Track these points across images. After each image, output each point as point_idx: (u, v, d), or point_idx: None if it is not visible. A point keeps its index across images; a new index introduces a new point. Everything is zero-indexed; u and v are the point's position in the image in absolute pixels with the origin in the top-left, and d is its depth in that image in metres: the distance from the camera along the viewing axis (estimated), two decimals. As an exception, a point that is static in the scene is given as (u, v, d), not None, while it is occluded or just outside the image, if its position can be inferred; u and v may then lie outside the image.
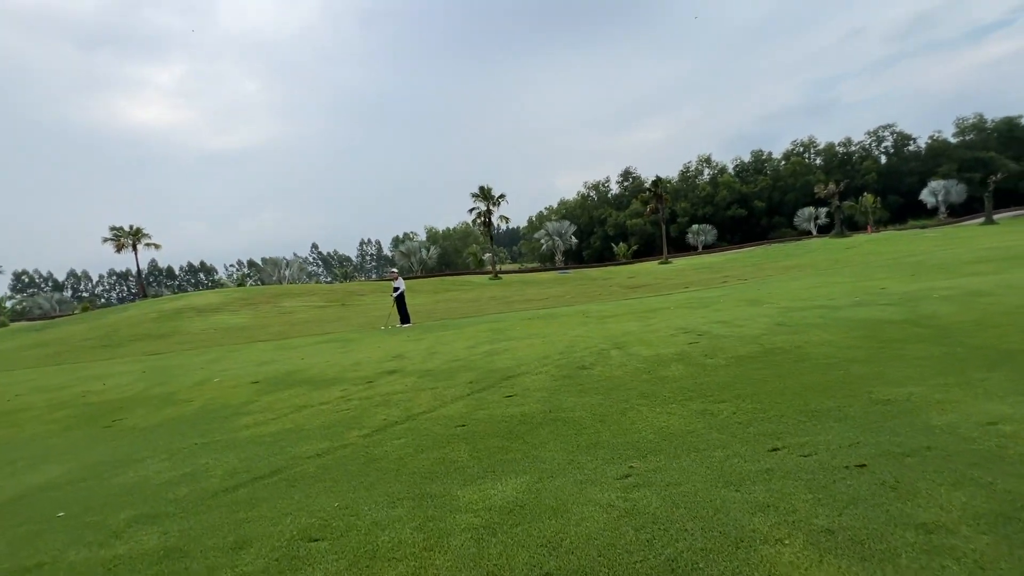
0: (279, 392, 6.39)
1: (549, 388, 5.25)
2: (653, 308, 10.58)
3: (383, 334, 11.91)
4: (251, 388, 6.81)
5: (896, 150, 77.21)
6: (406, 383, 6.14)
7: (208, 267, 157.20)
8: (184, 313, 23.51)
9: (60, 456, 4.80)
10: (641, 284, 22.91)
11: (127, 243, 40.58)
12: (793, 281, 13.83)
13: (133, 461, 4.43)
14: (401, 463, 3.77)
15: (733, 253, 46.06)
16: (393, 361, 7.62)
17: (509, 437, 4.05)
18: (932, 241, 26.60)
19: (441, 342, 9.00)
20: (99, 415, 6.29)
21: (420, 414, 4.88)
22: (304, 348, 10.50)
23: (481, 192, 38.57)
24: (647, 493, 2.92)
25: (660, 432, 3.81)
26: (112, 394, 7.51)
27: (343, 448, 4.22)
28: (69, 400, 7.42)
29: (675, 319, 8.59)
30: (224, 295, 27.44)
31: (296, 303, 25.06)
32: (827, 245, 33.67)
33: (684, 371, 5.28)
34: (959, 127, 75.52)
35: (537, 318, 11.36)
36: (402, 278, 14.13)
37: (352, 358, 8.34)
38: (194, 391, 7.05)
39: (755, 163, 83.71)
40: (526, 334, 8.84)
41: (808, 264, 22.79)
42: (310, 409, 5.49)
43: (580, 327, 9.04)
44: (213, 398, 6.48)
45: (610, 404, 4.55)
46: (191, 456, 4.40)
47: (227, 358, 10.26)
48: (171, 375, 8.73)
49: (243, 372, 8.15)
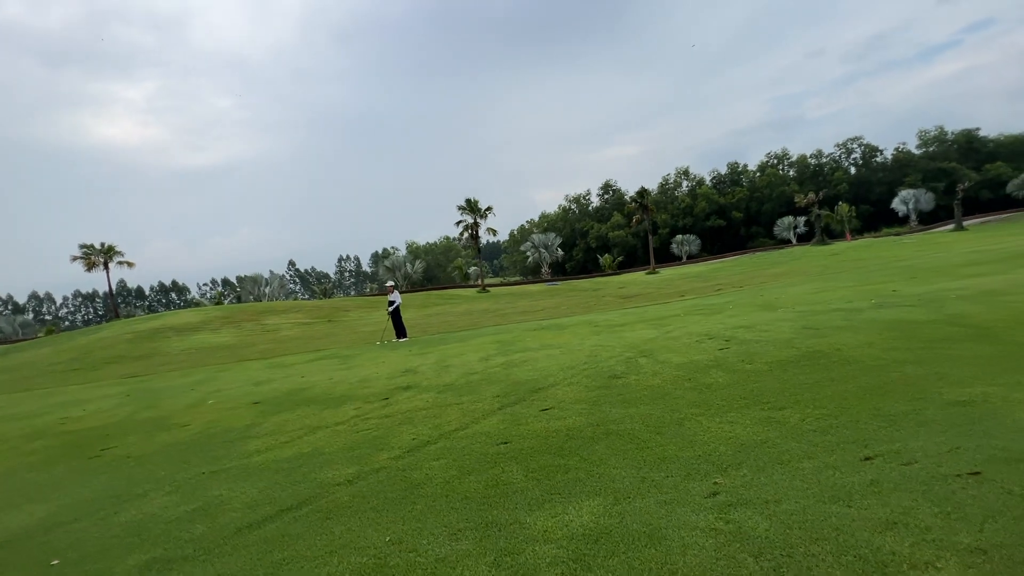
0: (285, 413, 5.90)
1: (587, 400, 4.92)
2: (664, 316, 10.37)
3: (381, 349, 11.41)
4: (253, 409, 6.29)
5: (864, 161, 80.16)
6: (426, 399, 5.72)
7: (180, 286, 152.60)
8: (162, 333, 22.41)
9: (45, 493, 4.23)
10: (634, 294, 22.82)
11: (98, 261, 38.72)
12: (794, 287, 13.85)
13: (133, 496, 3.91)
14: (448, 487, 3.38)
15: (718, 262, 46.69)
16: (404, 376, 7.18)
17: (562, 454, 3.69)
18: (912, 247, 27.35)
19: (449, 356, 8.59)
20: (83, 444, 5.68)
21: (452, 432, 4.49)
22: (300, 366, 9.94)
23: (468, 205, 38.30)
24: (749, 513, 2.60)
25: (731, 443, 3.51)
26: (95, 420, 6.86)
27: (375, 472, 3.79)
28: (46, 428, 6.74)
29: (692, 325, 8.37)
30: (203, 314, 26.33)
31: (280, 320, 24.17)
32: (810, 252, 34.36)
33: (728, 378, 5.01)
34: (922, 139, 78.98)
35: (543, 329, 11.03)
36: (398, 292, 13.66)
37: (358, 374, 7.86)
38: (189, 414, 6.48)
39: (731, 175, 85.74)
40: (539, 345, 8.49)
41: (798, 270, 23.10)
42: (325, 430, 5.03)
43: (594, 336, 8.75)
44: (212, 421, 5.93)
45: (662, 415, 4.24)
46: (201, 487, 3.90)
47: (217, 378, 9.62)
48: (158, 398, 8.09)
49: (239, 392, 7.58)
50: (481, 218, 38.64)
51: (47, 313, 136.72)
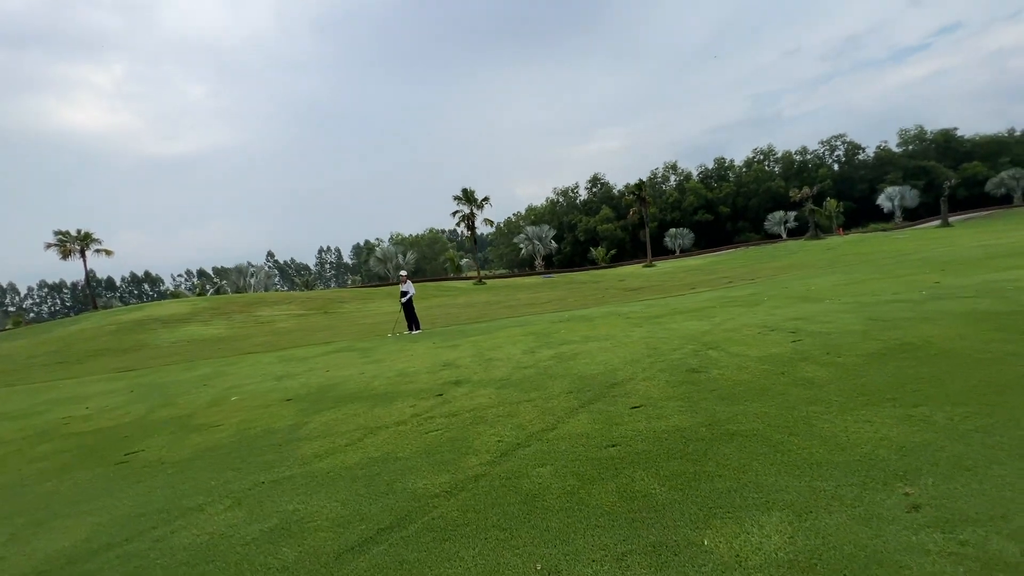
0: (329, 411, 5.34)
1: (677, 396, 4.49)
2: (701, 307, 10.04)
3: (397, 341, 10.83)
4: (288, 407, 5.71)
5: (847, 158, 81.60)
6: (487, 395, 5.23)
7: (154, 277, 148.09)
8: (147, 325, 21.30)
9: (74, 507, 3.63)
10: (639, 287, 22.57)
11: (74, 249, 36.76)
12: (815, 278, 13.68)
13: (186, 510, 3.35)
14: (575, 499, 2.92)
15: (713, 256, 46.89)
16: (447, 371, 6.66)
17: (691, 458, 3.26)
18: (910, 241, 27.72)
19: (484, 349, 8.09)
20: (100, 447, 5.04)
21: (541, 433, 4.01)
22: (316, 359, 9.32)
23: (464, 195, 37.51)
24: (982, 532, 2.20)
25: (886, 446, 3.12)
26: (105, 420, 6.19)
27: (474, 481, 3.31)
28: (49, 429, 6.05)
29: (740, 317, 8.04)
30: (190, 305, 25.18)
31: (273, 312, 23.23)
32: (805, 247, 34.68)
33: (827, 372, 4.64)
34: (902, 138, 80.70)
35: (571, 320, 10.60)
36: (411, 282, 13.06)
37: (391, 368, 7.31)
38: (214, 412, 5.86)
39: (718, 170, 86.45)
40: (580, 337, 8.06)
41: (802, 264, 23.14)
42: (387, 430, 4.50)
43: (635, 328, 8.35)
44: (246, 421, 5.34)
45: (779, 412, 3.84)
46: (267, 500, 3.36)
47: (227, 372, 8.95)
48: (168, 394, 7.42)
49: (263, 389, 6.97)
50: (477, 208, 37.95)
51: (10, 304, 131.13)
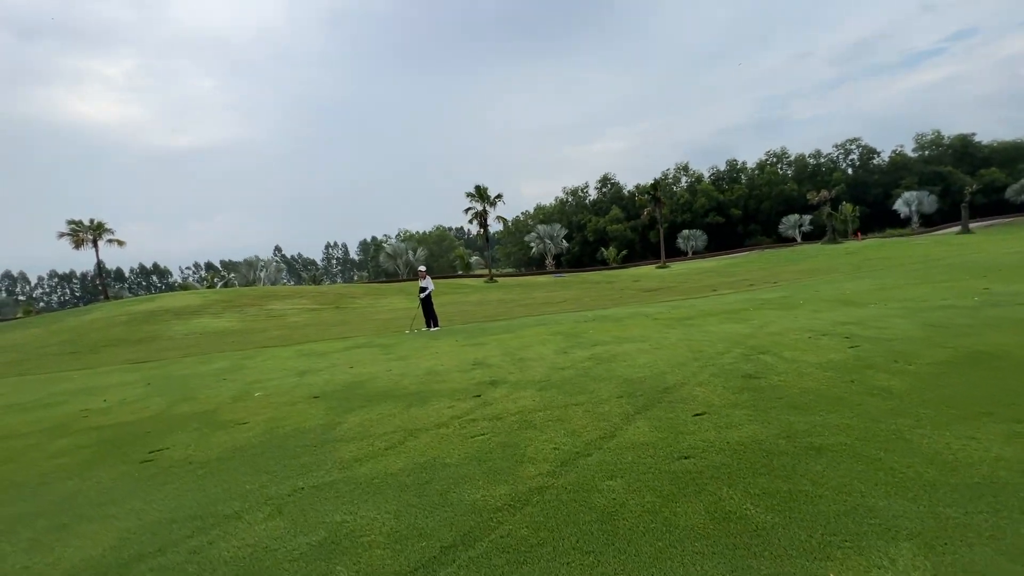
0: (361, 410, 5.06)
1: (740, 403, 4.17)
2: (735, 309, 9.69)
3: (418, 338, 10.55)
4: (317, 405, 5.43)
5: (862, 163, 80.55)
6: (529, 398, 4.93)
7: (162, 269, 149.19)
8: (159, 316, 21.19)
9: (98, 509, 3.36)
10: (656, 288, 22.20)
11: (86, 239, 36.79)
12: (846, 283, 13.28)
13: (222, 517, 3.07)
14: (659, 519, 2.60)
15: (727, 258, 46.33)
16: (479, 370, 6.37)
17: (779, 474, 2.94)
18: (933, 247, 27.15)
19: (512, 348, 7.79)
20: (122, 443, 4.79)
21: (599, 440, 3.70)
22: (337, 355, 9.05)
23: (477, 192, 37.20)
24: None
25: (1007, 467, 2.78)
26: (124, 413, 5.94)
27: (537, 493, 3.00)
28: (66, 422, 5.81)
29: (782, 321, 7.70)
30: (201, 297, 25.06)
31: (284, 305, 23.05)
32: (824, 251, 34.11)
33: (902, 382, 4.30)
34: (918, 143, 79.56)
35: (597, 320, 10.28)
36: (430, 278, 12.78)
37: (418, 366, 7.03)
38: (238, 409, 5.60)
39: (730, 172, 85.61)
40: (612, 338, 7.74)
41: (825, 268, 22.67)
42: (428, 433, 4.21)
43: (668, 330, 8.02)
44: (274, 419, 5.07)
45: (864, 425, 3.51)
46: (309, 508, 3.08)
47: (246, 367, 8.70)
48: (187, 388, 7.17)
49: (285, 384, 6.71)
50: (490, 206, 37.63)
51: (20, 293, 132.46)
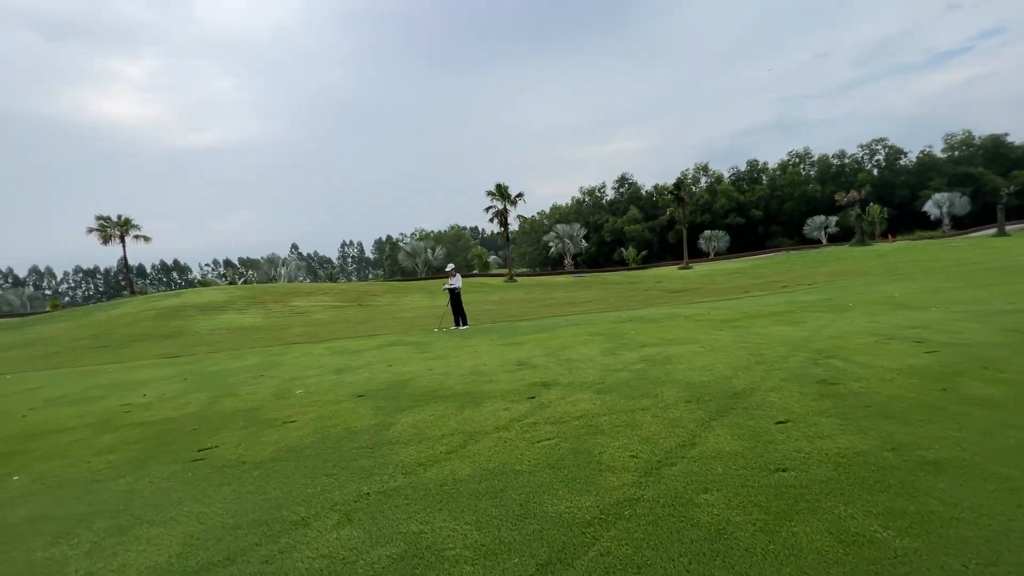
0: (411, 411, 4.87)
1: (827, 411, 3.88)
2: (782, 311, 9.34)
3: (449, 336, 10.37)
4: (364, 405, 5.26)
5: (888, 163, 78.55)
6: (588, 400, 4.69)
7: (182, 266, 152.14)
8: (185, 311, 21.40)
9: (157, 511, 3.21)
10: (682, 289, 21.76)
11: (114, 234, 37.51)
12: (885, 285, 12.77)
13: (289, 523, 2.89)
14: (778, 540, 2.34)
15: (752, 259, 45.44)
16: (525, 370, 6.14)
17: (904, 493, 2.65)
18: (971, 250, 26.21)
19: (554, 348, 7.55)
20: (169, 440, 4.66)
21: (680, 448, 3.45)
22: (370, 352, 8.91)
23: (498, 191, 37.06)
24: None
25: None
26: (166, 409, 5.85)
27: (627, 506, 2.76)
28: (110, 417, 5.73)
29: (839, 324, 7.34)
30: (226, 293, 25.29)
31: (307, 302, 23.13)
32: (852, 253, 33.17)
33: (1002, 391, 3.96)
34: (948, 143, 77.33)
35: (633, 321, 9.99)
36: (459, 275, 12.60)
37: (459, 365, 6.83)
38: (283, 407, 5.45)
39: (751, 172, 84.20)
40: (658, 340, 7.45)
41: (858, 270, 22.00)
42: (489, 437, 3.99)
43: (716, 332, 7.71)
44: (322, 418, 4.91)
45: (976, 439, 3.20)
46: (380, 515, 2.88)
47: (280, 363, 8.61)
48: (225, 384, 7.08)
49: (325, 382, 6.56)
50: (511, 205, 37.46)
51: (47, 288, 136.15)
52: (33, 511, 3.36)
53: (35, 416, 6.14)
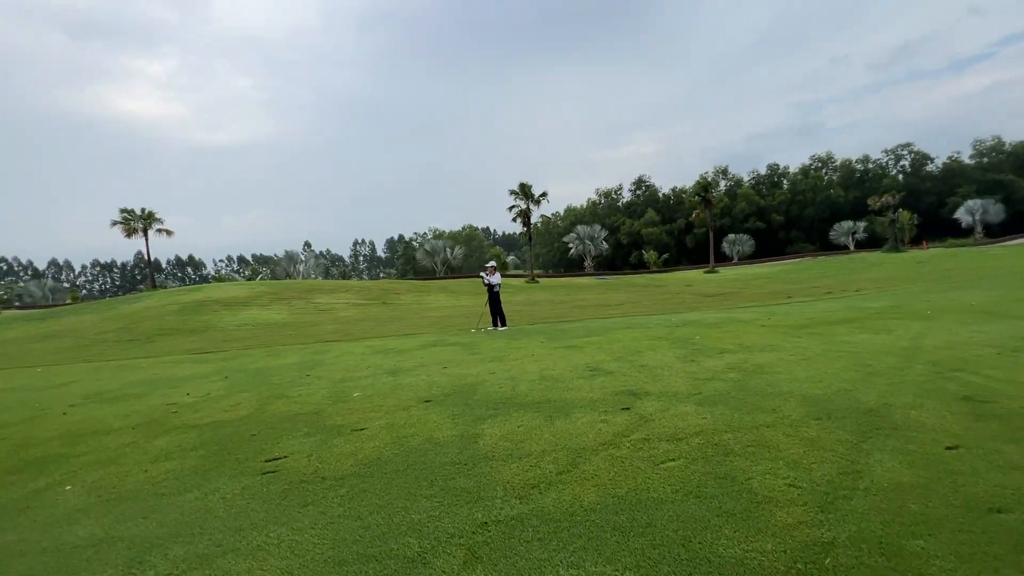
0: (494, 420, 4.38)
1: (999, 436, 3.32)
2: (848, 319, 8.73)
3: (491, 337, 9.89)
4: (435, 411, 4.79)
5: (914, 169, 76.75)
6: (695, 413, 4.16)
7: (197, 261, 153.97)
8: (208, 306, 21.21)
9: (239, 536, 2.75)
10: (717, 293, 21.08)
11: (137, 227, 37.71)
12: (953, 291, 12.05)
13: (406, 561, 2.41)
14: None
15: (779, 264, 44.40)
16: (601, 377, 5.63)
17: None
18: (1012, 258, 25.16)
19: (621, 352, 7.03)
20: (230, 447, 4.23)
21: (842, 477, 2.92)
22: (414, 352, 8.46)
23: (521, 190, 36.54)
24: None
25: None
26: (215, 411, 5.43)
27: (821, 550, 2.24)
28: (157, 418, 5.33)
29: (938, 333, 6.73)
30: (248, 288, 25.11)
31: (330, 299, 22.83)
32: (888, 259, 32.13)
33: None
34: (976, 149, 75.40)
35: (689, 325, 9.43)
36: (499, 274, 12.13)
37: (522, 369, 6.34)
38: (344, 411, 5.01)
39: (771, 176, 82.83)
40: (734, 346, 6.90)
41: (901, 276, 21.14)
42: (598, 454, 3.49)
43: (792, 339, 7.14)
44: (393, 425, 4.44)
45: None
46: (512, 553, 2.39)
47: (321, 362, 8.19)
48: (271, 384, 6.67)
49: (380, 384, 6.12)
50: (534, 204, 36.95)
51: (65, 280, 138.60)
52: (95, 531, 2.93)
53: (76, 414, 5.77)
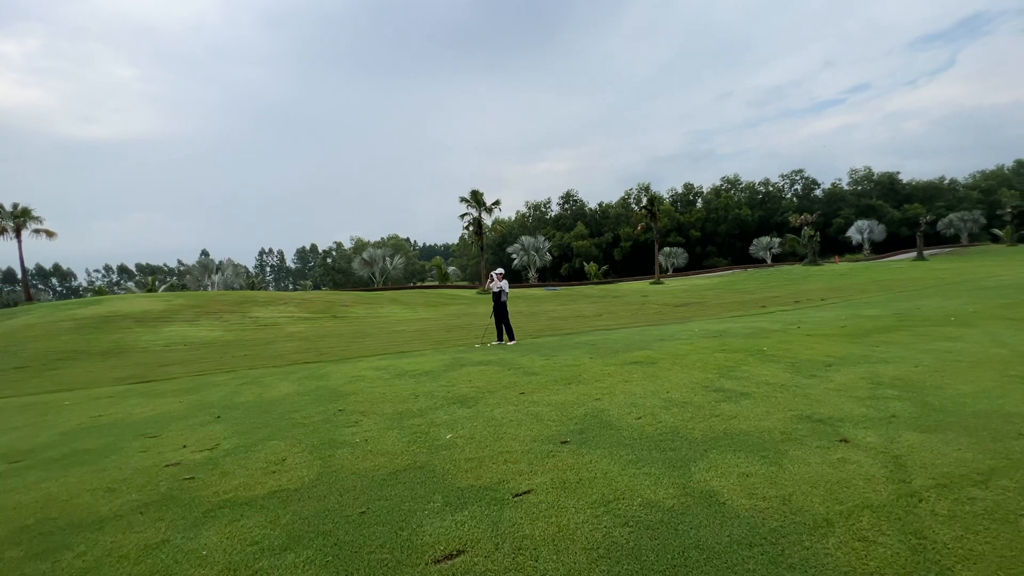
0: (696, 466, 3.30)
1: None
2: (893, 326, 8.70)
3: (517, 352, 8.66)
4: (595, 457, 3.59)
5: (804, 193, 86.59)
6: (946, 445, 3.40)
7: (64, 271, 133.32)
8: (115, 322, 17.48)
9: None
10: (685, 303, 21.37)
11: (7, 227, 30.37)
12: (927, 299, 12.85)
13: None
14: None
15: (717, 276, 47.04)
16: (746, 400, 4.74)
17: None
18: (913, 270, 28.57)
19: (707, 367, 6.22)
20: (346, 541, 2.71)
21: None
22: (448, 375, 7.02)
23: (473, 198, 35.14)
24: None
25: None
26: (256, 474, 3.75)
27: None
28: (168, 491, 3.54)
29: (1018, 342, 6.70)
30: (162, 301, 21.24)
31: (271, 313, 19.92)
32: (814, 272, 35.31)
33: None
34: (852, 177, 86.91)
35: (721, 335, 8.91)
36: (507, 281, 10.91)
37: (630, 392, 5.26)
38: (462, 464, 3.62)
39: (685, 195, 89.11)
40: (834, 357, 6.38)
41: (846, 287, 22.90)
42: (929, 517, 2.57)
43: (878, 347, 6.80)
44: (568, 485, 3.19)
45: None
46: None
47: (338, 392, 6.47)
48: (293, 424, 4.98)
49: (463, 419, 4.74)
50: (486, 212, 35.76)
51: None
52: None
53: (19, 490, 3.75)
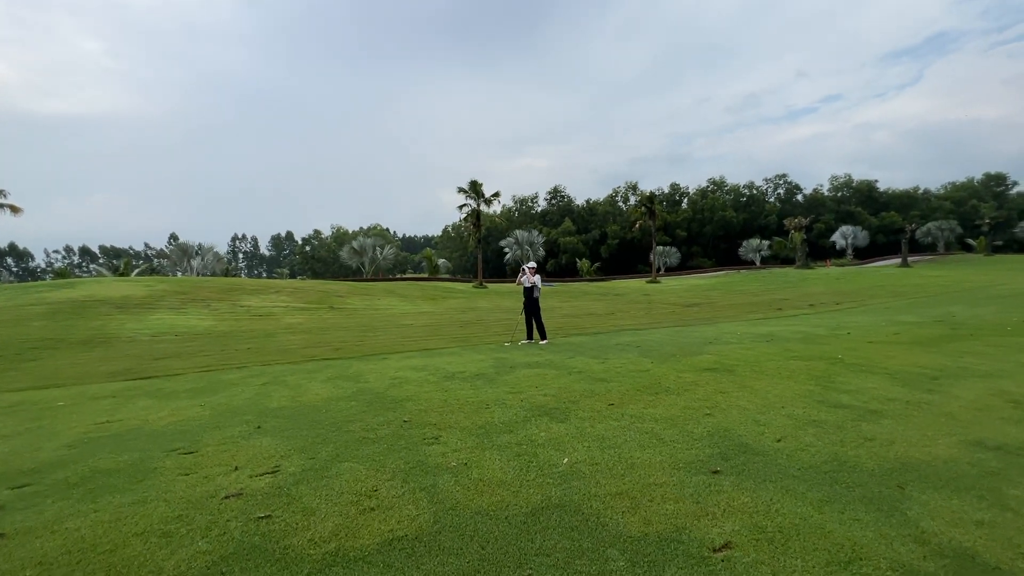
0: (915, 504, 2.69)
1: None
2: (944, 335, 8.35)
3: (554, 352, 8.01)
4: (752, 490, 2.95)
5: (787, 197, 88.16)
6: None
7: (20, 251, 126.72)
8: (93, 308, 16.08)
9: None
10: (694, 303, 21.04)
11: (-35, 204, 28.06)
12: (953, 306, 12.69)
13: None
14: None
15: (714, 277, 47.11)
16: (887, 420, 4.18)
17: None
18: (906, 277, 28.99)
19: (800, 377, 5.67)
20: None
21: None
22: (504, 379, 6.31)
23: (472, 188, 34.14)
24: None
25: None
26: (348, 511, 2.98)
27: None
28: (247, 542, 2.75)
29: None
30: (143, 286, 19.77)
31: (263, 302, 18.73)
32: (809, 275, 35.62)
33: None
34: (833, 184, 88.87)
35: (787, 340, 8.43)
36: (540, 275, 10.20)
37: (733, 405, 4.65)
38: (615, 501, 2.94)
39: (672, 195, 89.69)
40: (934, 369, 5.90)
41: (850, 291, 22.95)
42: None
43: (961, 358, 6.37)
44: (770, 535, 2.54)
45: None
46: None
47: (391, 398, 5.69)
48: (357, 439, 4.21)
49: (564, 437, 4.05)
50: (485, 203, 34.81)
51: None
52: None
53: (42, 527, 2.89)
